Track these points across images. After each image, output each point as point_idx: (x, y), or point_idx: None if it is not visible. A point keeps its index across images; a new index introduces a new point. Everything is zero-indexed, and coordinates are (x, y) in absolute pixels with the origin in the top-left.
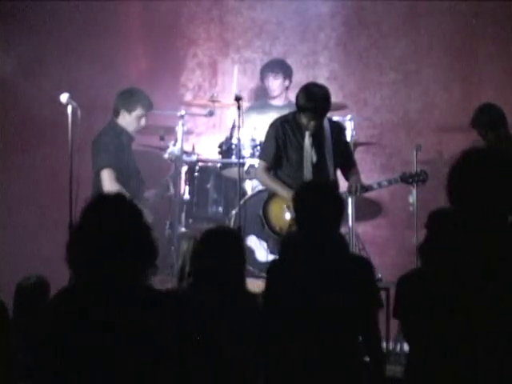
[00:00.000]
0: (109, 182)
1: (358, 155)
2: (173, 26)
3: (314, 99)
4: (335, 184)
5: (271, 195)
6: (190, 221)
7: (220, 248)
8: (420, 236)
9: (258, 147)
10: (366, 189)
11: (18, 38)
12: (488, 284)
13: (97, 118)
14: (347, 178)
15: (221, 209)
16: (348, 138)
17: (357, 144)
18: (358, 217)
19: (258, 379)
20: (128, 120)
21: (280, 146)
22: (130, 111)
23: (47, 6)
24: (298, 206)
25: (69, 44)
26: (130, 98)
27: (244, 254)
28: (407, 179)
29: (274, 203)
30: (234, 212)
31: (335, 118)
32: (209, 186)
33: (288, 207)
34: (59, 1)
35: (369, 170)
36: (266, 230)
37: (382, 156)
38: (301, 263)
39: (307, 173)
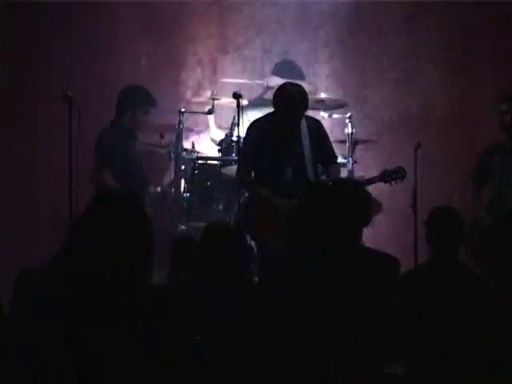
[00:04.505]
0: (106, 181)
1: (358, 153)
2: (173, 24)
3: (291, 99)
4: (314, 185)
5: (252, 199)
6: (190, 219)
7: (221, 244)
8: (420, 235)
9: None
10: None
11: (19, 37)
12: None
13: (96, 116)
14: (327, 175)
15: (221, 207)
16: (329, 133)
17: (357, 142)
18: None
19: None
20: (133, 118)
21: (258, 148)
22: (134, 109)
23: (48, 5)
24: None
25: (69, 42)
26: (133, 96)
27: (243, 250)
28: (385, 178)
29: (257, 208)
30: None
31: (335, 116)
32: (209, 183)
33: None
34: (59, 0)
35: (369, 168)
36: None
37: (382, 154)
38: None
39: (286, 175)
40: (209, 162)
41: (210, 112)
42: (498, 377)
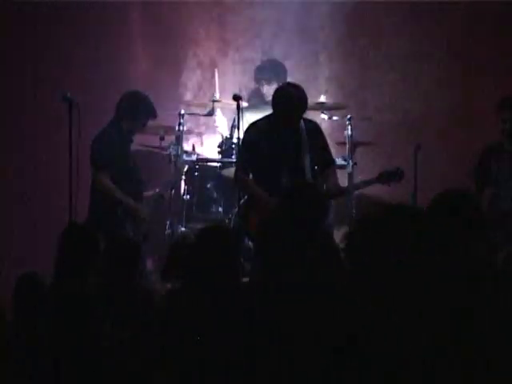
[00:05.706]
0: (103, 183)
1: (358, 155)
2: (173, 26)
3: (290, 101)
4: (314, 186)
5: (250, 202)
6: (190, 220)
7: (215, 247)
8: None
9: None
10: (342, 192)
11: (19, 37)
12: None
13: (97, 117)
14: (324, 178)
15: (221, 208)
16: (329, 135)
17: (357, 144)
18: (358, 216)
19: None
20: (131, 126)
21: (256, 150)
22: (135, 120)
23: (48, 6)
24: None
25: (69, 43)
26: (136, 106)
27: (239, 253)
28: (383, 179)
29: (255, 209)
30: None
31: (335, 118)
32: (209, 185)
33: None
34: (59, 1)
35: (368, 170)
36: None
37: (381, 156)
38: None
39: (285, 176)
40: (209, 163)
41: (210, 114)
42: (498, 377)
